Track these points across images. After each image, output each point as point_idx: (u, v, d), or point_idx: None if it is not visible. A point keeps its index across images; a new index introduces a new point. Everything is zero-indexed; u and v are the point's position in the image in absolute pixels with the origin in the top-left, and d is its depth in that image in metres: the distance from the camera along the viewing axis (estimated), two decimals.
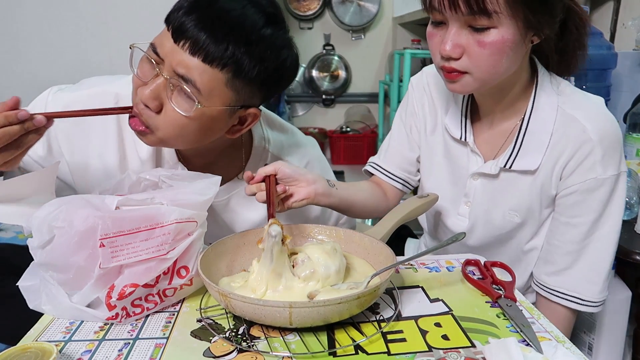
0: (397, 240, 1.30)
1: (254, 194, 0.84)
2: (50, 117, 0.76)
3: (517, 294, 0.78)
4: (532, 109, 0.89)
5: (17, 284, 0.72)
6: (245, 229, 0.98)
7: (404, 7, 3.58)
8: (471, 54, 0.79)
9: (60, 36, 2.25)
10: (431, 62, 0.93)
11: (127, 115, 0.89)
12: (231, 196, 0.99)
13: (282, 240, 0.71)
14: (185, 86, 0.76)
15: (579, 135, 0.84)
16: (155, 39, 0.79)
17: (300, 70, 4.22)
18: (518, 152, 0.89)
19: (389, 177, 1.11)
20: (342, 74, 4.21)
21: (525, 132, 0.89)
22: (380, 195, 1.10)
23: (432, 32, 0.83)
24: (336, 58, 4.17)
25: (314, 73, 4.18)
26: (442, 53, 0.81)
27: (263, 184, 0.84)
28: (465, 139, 0.96)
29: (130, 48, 0.79)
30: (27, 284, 0.72)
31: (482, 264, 0.86)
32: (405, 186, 1.13)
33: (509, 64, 0.81)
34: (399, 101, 3.94)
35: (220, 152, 0.96)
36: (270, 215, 0.76)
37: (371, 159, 1.16)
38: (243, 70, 0.78)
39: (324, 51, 4.15)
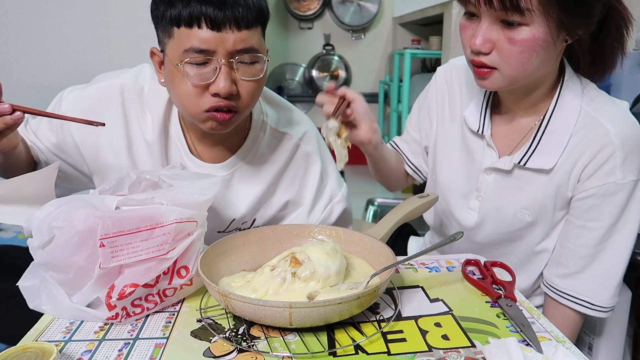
0: (399, 239, 1.30)
1: (323, 104, 0.91)
2: (24, 112, 0.81)
3: (517, 294, 0.78)
4: (554, 109, 0.88)
5: (17, 284, 0.72)
6: (246, 204, 1.02)
7: (404, 7, 3.58)
8: (501, 50, 0.79)
9: (59, 37, 2.25)
10: (432, 62, 0.93)
11: (132, 101, 0.97)
12: (234, 171, 1.01)
13: (338, 134, 0.85)
14: (249, 56, 0.84)
15: (600, 138, 0.83)
16: (187, 45, 0.81)
17: (300, 70, 4.22)
18: (535, 150, 0.88)
19: (405, 161, 1.16)
20: (342, 74, 4.21)
21: (544, 130, 0.88)
22: (403, 168, 1.15)
23: (464, 25, 0.84)
24: (336, 58, 4.18)
25: (314, 73, 4.18)
26: (472, 47, 0.81)
27: (336, 100, 0.91)
28: (482, 132, 0.96)
29: (180, 64, 0.83)
30: (27, 284, 0.72)
31: (482, 264, 0.86)
32: (417, 174, 1.16)
33: (538, 63, 0.80)
34: (399, 101, 3.96)
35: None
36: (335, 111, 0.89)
37: (394, 138, 1.20)
38: (266, 18, 0.87)
39: (324, 51, 4.16)
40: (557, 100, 0.88)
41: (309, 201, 1.08)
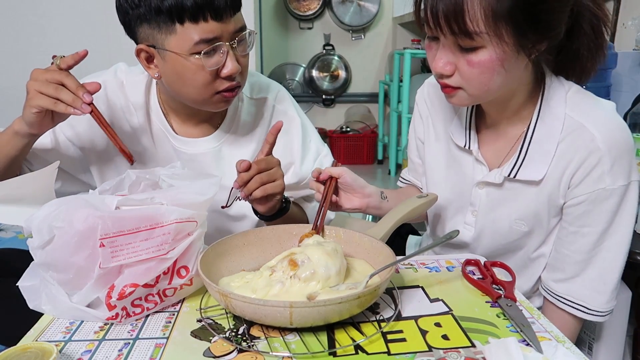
0: (398, 238, 1.30)
1: (315, 191, 0.95)
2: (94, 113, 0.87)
3: (517, 294, 0.78)
4: (537, 117, 0.87)
5: (16, 284, 0.72)
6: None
7: (404, 7, 3.59)
8: (462, 72, 0.79)
9: (60, 36, 2.25)
10: None
11: (116, 95, 1.04)
12: (222, 143, 1.08)
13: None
14: (246, 33, 0.94)
15: (587, 144, 0.82)
16: (196, 38, 0.87)
17: (300, 70, 4.22)
18: (523, 161, 0.87)
19: (419, 188, 1.15)
20: (342, 74, 4.22)
21: (530, 141, 0.87)
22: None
23: (428, 45, 0.83)
24: (336, 58, 4.18)
25: (314, 73, 4.19)
26: (435, 70, 0.82)
27: (322, 186, 0.94)
28: (469, 147, 0.95)
29: (198, 56, 0.88)
30: (27, 284, 0.72)
31: (482, 264, 0.86)
32: None
33: (502, 81, 0.80)
34: (399, 101, 3.97)
35: None
36: (315, 226, 0.86)
37: (402, 173, 1.21)
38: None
39: (324, 51, 4.16)
40: (540, 108, 0.87)
41: (297, 156, 1.13)
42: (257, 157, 0.95)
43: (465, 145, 0.96)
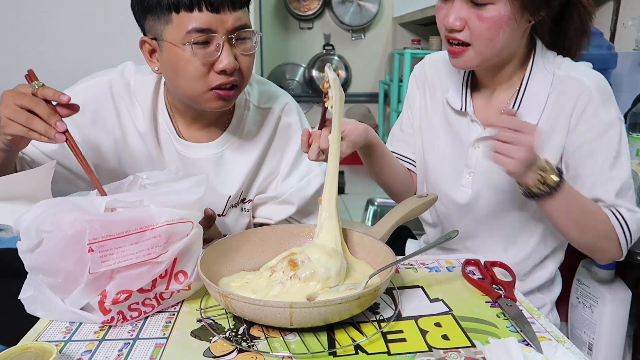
0: (398, 241, 1.30)
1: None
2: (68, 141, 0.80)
3: (517, 294, 0.78)
4: (528, 78, 0.95)
5: (17, 285, 0.72)
6: (240, 179, 1.07)
7: (404, 7, 3.59)
8: (471, 27, 0.87)
9: (61, 36, 2.25)
10: None
11: (121, 95, 1.02)
12: (225, 149, 1.07)
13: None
14: (246, 31, 0.92)
15: (577, 87, 0.91)
16: (189, 27, 0.86)
17: (300, 70, 4.22)
18: (516, 112, 0.92)
19: (405, 160, 1.16)
20: (342, 74, 4.21)
21: (522, 96, 0.95)
22: (406, 171, 1.15)
23: (439, 6, 0.92)
24: (336, 58, 4.18)
25: (314, 73, 4.18)
26: (446, 25, 0.89)
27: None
28: (465, 109, 1.00)
29: (188, 44, 0.88)
30: (27, 295, 0.71)
31: (482, 264, 0.86)
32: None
33: (506, 40, 0.88)
34: (399, 101, 3.95)
35: None
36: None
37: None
38: None
39: (324, 51, 4.16)
40: (531, 69, 0.95)
41: (284, 169, 1.12)
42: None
43: (461, 108, 1.01)
